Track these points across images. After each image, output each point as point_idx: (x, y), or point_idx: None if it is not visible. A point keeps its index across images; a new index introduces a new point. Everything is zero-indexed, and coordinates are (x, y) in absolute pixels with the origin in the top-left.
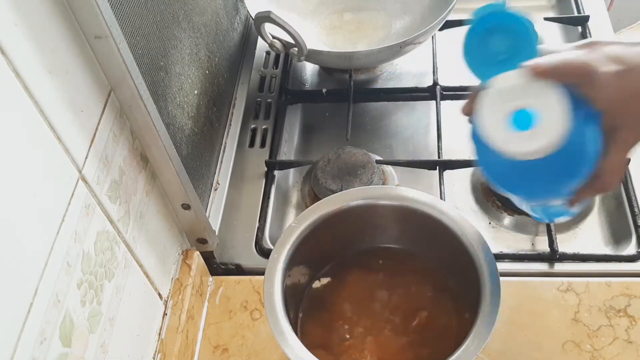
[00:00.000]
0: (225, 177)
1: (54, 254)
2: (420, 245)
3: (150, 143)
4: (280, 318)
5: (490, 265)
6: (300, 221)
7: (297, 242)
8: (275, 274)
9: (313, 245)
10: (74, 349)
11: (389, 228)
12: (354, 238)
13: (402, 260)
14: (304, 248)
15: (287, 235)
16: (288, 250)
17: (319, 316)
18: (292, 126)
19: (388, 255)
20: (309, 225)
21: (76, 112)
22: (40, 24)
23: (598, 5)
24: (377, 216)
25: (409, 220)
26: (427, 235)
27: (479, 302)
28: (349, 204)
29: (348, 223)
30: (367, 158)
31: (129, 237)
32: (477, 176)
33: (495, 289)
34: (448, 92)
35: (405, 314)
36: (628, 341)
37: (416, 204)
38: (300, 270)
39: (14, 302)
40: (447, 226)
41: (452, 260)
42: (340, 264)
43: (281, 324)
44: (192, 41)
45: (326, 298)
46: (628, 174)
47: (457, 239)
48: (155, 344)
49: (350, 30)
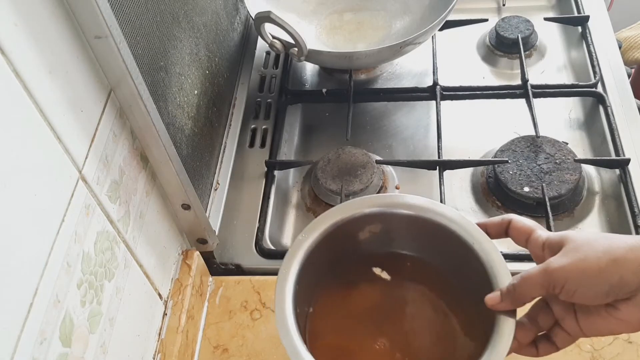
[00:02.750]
0: (225, 177)
1: (54, 254)
2: (432, 253)
3: (150, 143)
4: (295, 340)
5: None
6: (307, 234)
7: (306, 256)
8: (286, 292)
9: (321, 257)
10: (74, 349)
11: (399, 236)
12: (362, 247)
13: (412, 267)
14: (312, 260)
15: (294, 249)
16: (296, 265)
17: (329, 324)
18: (292, 126)
19: (398, 262)
20: (316, 239)
21: (76, 112)
22: (40, 24)
23: (598, 5)
24: (387, 224)
25: (420, 228)
26: (439, 244)
27: (493, 320)
28: (358, 214)
29: (356, 232)
30: (367, 158)
31: (129, 237)
32: (477, 176)
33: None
34: (448, 92)
35: (413, 327)
36: (628, 341)
37: (425, 213)
38: (309, 282)
39: (14, 302)
40: (459, 236)
41: (464, 271)
42: (347, 272)
43: (297, 347)
44: (192, 41)
45: (334, 309)
46: (628, 174)
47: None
48: (155, 344)
49: (350, 30)
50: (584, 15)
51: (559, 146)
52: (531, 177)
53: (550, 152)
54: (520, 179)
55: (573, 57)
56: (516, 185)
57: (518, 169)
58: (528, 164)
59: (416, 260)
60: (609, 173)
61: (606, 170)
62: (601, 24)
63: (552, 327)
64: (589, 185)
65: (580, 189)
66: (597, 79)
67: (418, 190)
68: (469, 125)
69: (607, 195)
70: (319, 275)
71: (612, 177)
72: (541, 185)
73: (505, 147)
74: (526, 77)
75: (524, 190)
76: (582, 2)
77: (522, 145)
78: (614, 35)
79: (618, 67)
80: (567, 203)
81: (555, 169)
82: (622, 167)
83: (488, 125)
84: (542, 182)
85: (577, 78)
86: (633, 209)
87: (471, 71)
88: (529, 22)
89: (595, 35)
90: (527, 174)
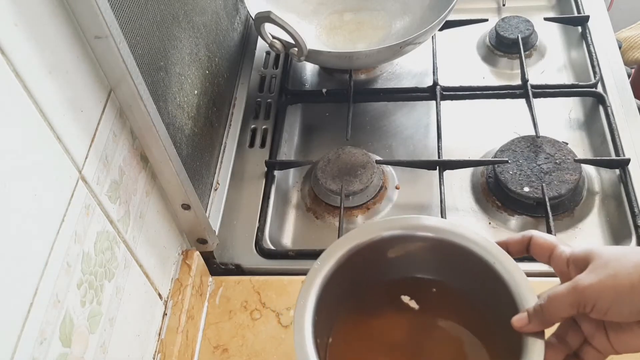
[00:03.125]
0: (225, 177)
1: (54, 254)
2: (452, 275)
3: (150, 143)
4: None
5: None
6: (322, 262)
7: (323, 285)
8: (305, 324)
9: (339, 285)
10: (73, 349)
11: (418, 260)
12: (381, 272)
13: (435, 293)
14: (330, 289)
15: (311, 278)
16: (314, 295)
17: (349, 355)
18: (292, 126)
19: (419, 288)
20: (333, 266)
21: (76, 112)
22: (40, 24)
23: (598, 5)
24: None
25: (439, 251)
26: (459, 266)
27: (521, 342)
28: (375, 237)
29: (375, 257)
30: (367, 158)
31: (129, 237)
32: (477, 176)
33: None
34: (448, 92)
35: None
36: None
37: (444, 234)
38: (328, 312)
39: (14, 302)
40: (480, 256)
41: (487, 292)
42: (367, 300)
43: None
44: (192, 41)
45: (354, 339)
46: (628, 174)
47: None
48: (155, 344)
49: (350, 30)
50: (584, 15)
51: (559, 146)
52: (531, 177)
53: (550, 152)
54: (520, 179)
55: (573, 57)
56: (516, 185)
57: (518, 169)
58: (528, 164)
59: (438, 285)
60: (609, 173)
61: (606, 170)
62: (601, 24)
63: (581, 345)
64: (589, 186)
65: (580, 189)
66: (597, 79)
67: (418, 190)
68: (469, 125)
69: (607, 195)
70: (338, 304)
71: (612, 177)
72: (541, 185)
73: (505, 147)
74: (526, 77)
75: (524, 190)
76: (582, 2)
77: (522, 145)
78: (614, 35)
79: (618, 67)
80: (567, 203)
81: (555, 169)
82: (622, 167)
83: (488, 125)
84: (542, 182)
85: (577, 78)
86: (633, 209)
87: (471, 71)
88: (529, 22)
89: (595, 35)
90: (527, 174)
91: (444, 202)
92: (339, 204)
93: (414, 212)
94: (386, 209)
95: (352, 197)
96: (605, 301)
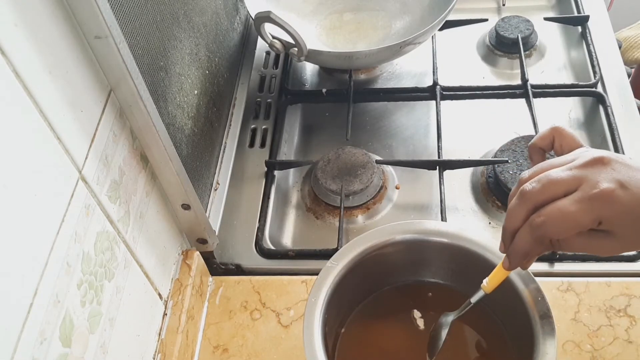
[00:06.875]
0: (225, 177)
1: (54, 254)
2: (466, 282)
3: (150, 143)
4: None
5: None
6: (336, 261)
7: (336, 282)
8: (314, 321)
9: (352, 283)
10: (74, 349)
11: (429, 264)
12: (394, 274)
13: (445, 297)
14: (343, 286)
15: (324, 275)
16: (325, 290)
17: (359, 347)
18: (292, 126)
19: (430, 295)
20: (346, 265)
21: (76, 112)
22: (40, 24)
23: (598, 5)
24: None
25: (450, 255)
26: (469, 270)
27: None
28: (389, 241)
29: (387, 260)
30: (367, 158)
31: (129, 237)
32: (477, 176)
33: (549, 330)
34: (448, 92)
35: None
36: (628, 341)
37: (455, 239)
38: (338, 310)
39: (14, 302)
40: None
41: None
42: (381, 302)
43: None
44: (192, 41)
45: (362, 336)
46: None
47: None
48: (155, 344)
49: (350, 30)
50: (584, 15)
51: None
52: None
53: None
54: None
55: (573, 57)
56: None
57: (518, 169)
58: (528, 164)
59: (450, 291)
60: None
61: None
62: (601, 24)
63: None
64: None
65: None
66: (597, 79)
67: (418, 190)
68: (469, 125)
69: None
70: (349, 304)
71: None
72: None
73: (505, 147)
74: (526, 77)
75: None
76: (582, 2)
77: (522, 145)
78: (614, 35)
79: (618, 67)
80: None
81: None
82: None
83: (488, 125)
84: None
85: (577, 78)
86: None
87: (471, 71)
88: (529, 22)
89: (595, 35)
90: None
91: (444, 202)
92: (339, 204)
93: (414, 212)
94: (386, 208)
95: (352, 197)
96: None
